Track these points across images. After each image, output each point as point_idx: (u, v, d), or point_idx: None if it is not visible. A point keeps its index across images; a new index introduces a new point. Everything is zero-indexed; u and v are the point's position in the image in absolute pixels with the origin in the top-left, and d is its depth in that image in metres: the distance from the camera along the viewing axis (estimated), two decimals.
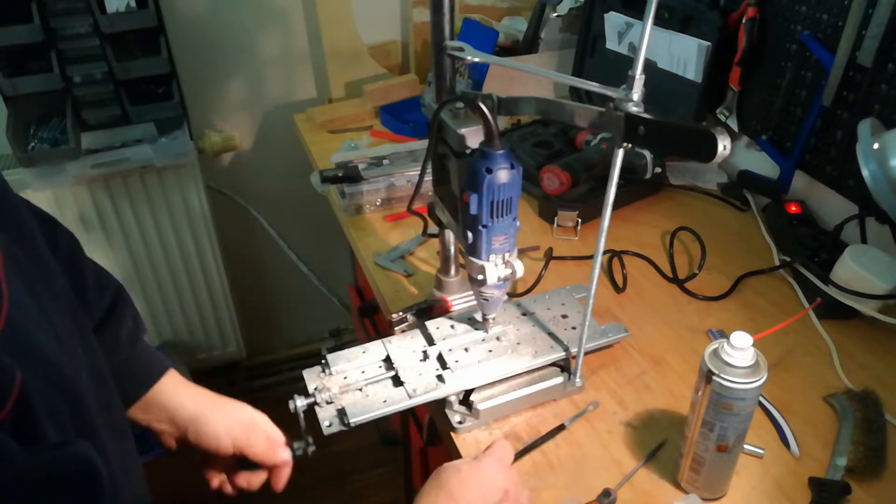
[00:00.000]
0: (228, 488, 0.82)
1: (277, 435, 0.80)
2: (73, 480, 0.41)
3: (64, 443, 0.44)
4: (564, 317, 0.94)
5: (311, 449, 0.81)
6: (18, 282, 0.49)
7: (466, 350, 0.89)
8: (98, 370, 0.60)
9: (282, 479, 0.81)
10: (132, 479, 0.62)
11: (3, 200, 0.56)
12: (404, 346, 0.90)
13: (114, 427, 0.58)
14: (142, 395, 0.76)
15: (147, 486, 0.63)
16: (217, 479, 0.82)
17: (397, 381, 0.85)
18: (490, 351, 0.89)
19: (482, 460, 0.71)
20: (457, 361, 0.87)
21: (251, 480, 0.81)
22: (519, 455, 0.83)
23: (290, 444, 0.80)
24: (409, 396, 0.82)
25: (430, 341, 0.90)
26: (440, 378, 0.84)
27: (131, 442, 0.63)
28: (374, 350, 0.89)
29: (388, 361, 0.88)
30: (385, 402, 0.82)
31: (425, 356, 0.88)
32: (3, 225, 0.53)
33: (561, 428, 0.86)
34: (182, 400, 0.77)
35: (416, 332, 0.92)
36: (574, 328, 0.92)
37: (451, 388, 0.84)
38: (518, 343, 0.90)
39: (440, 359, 0.88)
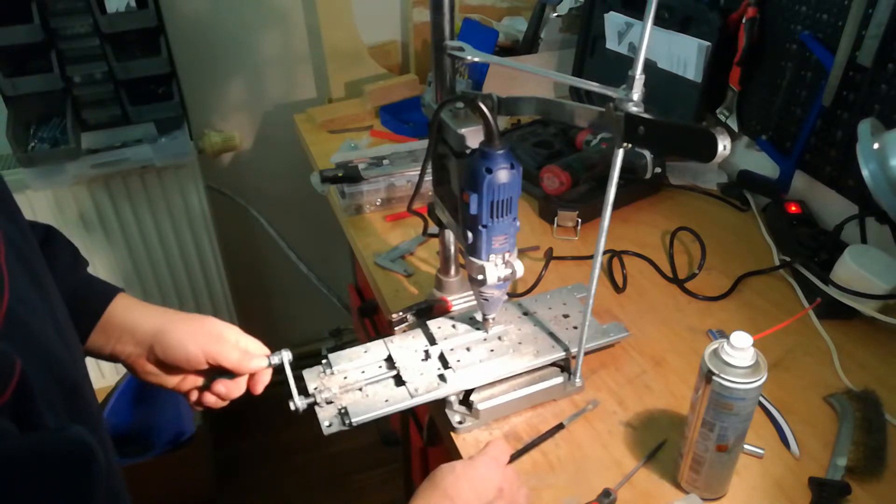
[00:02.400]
0: (209, 398, 0.80)
1: (251, 344, 0.79)
2: (69, 461, 0.41)
3: (61, 427, 0.44)
4: (566, 316, 0.94)
5: (289, 358, 0.80)
6: (20, 272, 0.49)
7: (468, 349, 0.89)
8: (86, 368, 0.60)
9: (261, 384, 0.80)
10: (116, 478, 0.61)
11: (6, 196, 0.57)
12: (406, 345, 0.90)
13: (101, 423, 0.58)
14: (98, 318, 0.74)
15: (125, 484, 0.63)
16: (195, 394, 0.80)
17: (399, 381, 0.85)
18: (492, 350, 0.89)
19: (477, 459, 0.71)
20: (458, 361, 0.87)
21: (229, 387, 0.79)
22: (518, 454, 0.83)
23: (267, 356, 0.79)
24: (411, 396, 0.82)
25: (432, 341, 0.90)
26: (442, 377, 0.85)
27: (109, 439, 0.63)
28: (375, 349, 0.89)
29: (389, 361, 0.88)
30: (387, 401, 0.82)
31: (427, 356, 0.88)
32: (6, 218, 0.53)
33: (560, 427, 0.86)
34: (141, 316, 0.75)
35: (418, 332, 0.92)
36: (576, 328, 0.92)
37: (452, 387, 0.84)
38: (520, 343, 0.90)
39: (442, 358, 0.88)
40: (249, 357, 0.78)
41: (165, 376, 0.78)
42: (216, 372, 0.78)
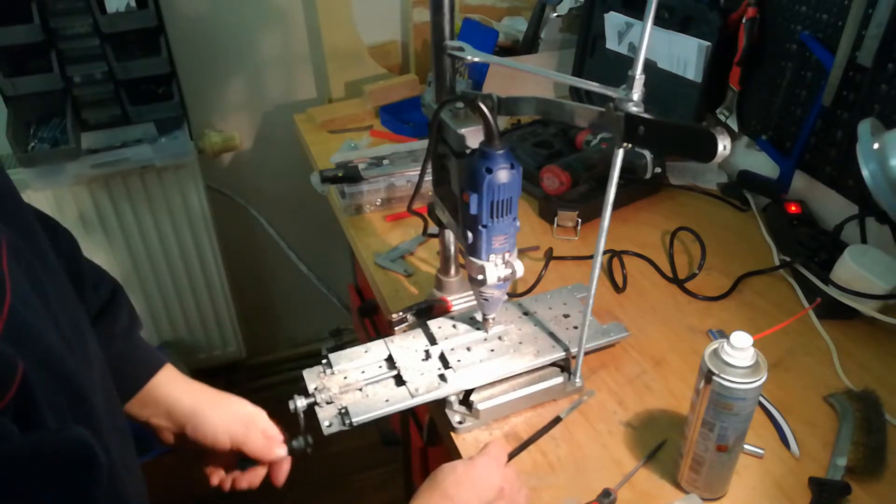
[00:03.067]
0: (227, 485, 0.82)
1: (274, 431, 0.80)
2: (69, 461, 0.41)
3: (61, 427, 0.44)
4: (566, 316, 0.94)
5: (310, 446, 0.81)
6: (22, 276, 0.49)
7: (468, 349, 0.89)
8: (100, 368, 0.60)
9: (281, 475, 0.81)
10: (134, 478, 0.62)
11: (8, 197, 0.57)
12: (406, 345, 0.90)
13: (115, 426, 0.59)
14: (139, 389, 0.76)
15: (146, 488, 0.63)
16: (216, 476, 0.82)
17: (399, 381, 0.85)
18: (492, 350, 0.89)
19: (477, 459, 0.71)
20: (459, 361, 0.87)
21: (251, 479, 0.81)
22: (515, 452, 0.83)
23: (287, 441, 0.81)
24: (412, 396, 0.82)
25: (432, 341, 0.90)
26: (442, 377, 0.85)
27: (131, 442, 0.63)
28: (376, 349, 0.89)
29: (389, 361, 0.88)
30: (387, 401, 0.82)
31: (427, 355, 0.88)
32: (8, 220, 0.53)
33: (557, 420, 0.86)
34: (179, 395, 0.78)
35: (418, 332, 0.92)
36: (576, 328, 0.92)
37: (453, 387, 0.84)
38: (520, 342, 0.90)
39: (442, 358, 0.88)
40: (272, 447, 0.79)
41: (190, 452, 0.80)
42: (239, 457, 0.80)
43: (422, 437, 1.21)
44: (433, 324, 0.92)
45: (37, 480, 0.39)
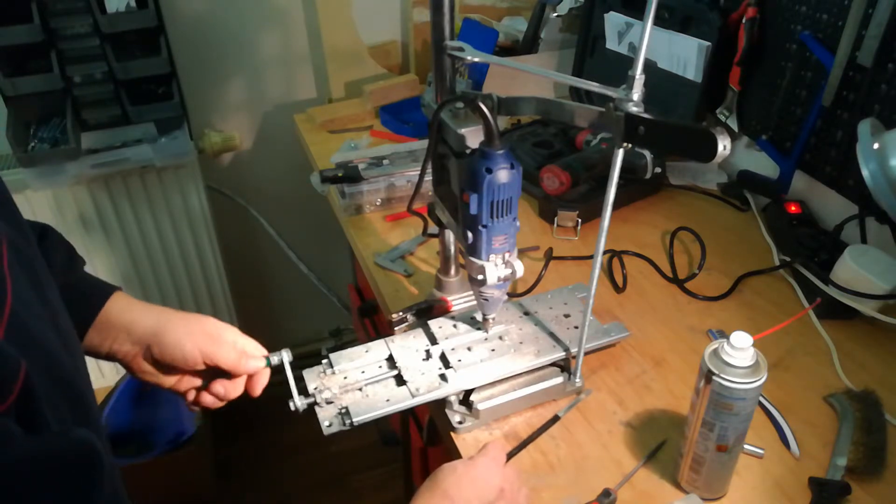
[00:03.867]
0: (207, 399, 0.80)
1: (249, 345, 0.78)
2: (74, 463, 0.41)
3: (66, 429, 0.44)
4: (567, 316, 0.94)
5: (289, 358, 0.79)
6: (22, 276, 0.49)
7: (469, 349, 0.89)
8: (87, 371, 0.60)
9: (259, 385, 0.79)
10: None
11: (6, 198, 0.57)
12: (407, 345, 0.90)
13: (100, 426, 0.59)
14: (94, 317, 0.73)
15: (132, 489, 0.63)
16: (192, 394, 0.80)
17: (400, 381, 0.85)
18: (493, 350, 0.89)
19: (477, 459, 0.71)
20: (460, 360, 0.87)
21: (227, 388, 0.78)
22: (513, 453, 0.83)
23: (265, 357, 0.79)
24: (412, 395, 0.82)
25: (433, 340, 0.90)
26: (443, 377, 0.85)
27: (108, 442, 0.63)
28: (376, 349, 0.89)
29: (390, 361, 0.88)
30: (388, 401, 0.82)
31: (428, 355, 0.88)
32: (8, 221, 0.53)
33: (555, 419, 0.86)
34: (138, 315, 0.75)
35: (419, 332, 0.92)
36: (576, 327, 0.92)
37: (453, 387, 0.84)
38: (521, 342, 0.90)
39: (443, 358, 0.88)
40: (247, 357, 0.77)
41: (162, 376, 0.77)
42: (214, 373, 0.78)
43: (422, 437, 1.21)
44: (434, 323, 0.92)
45: (42, 482, 0.39)
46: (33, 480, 0.39)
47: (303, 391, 0.82)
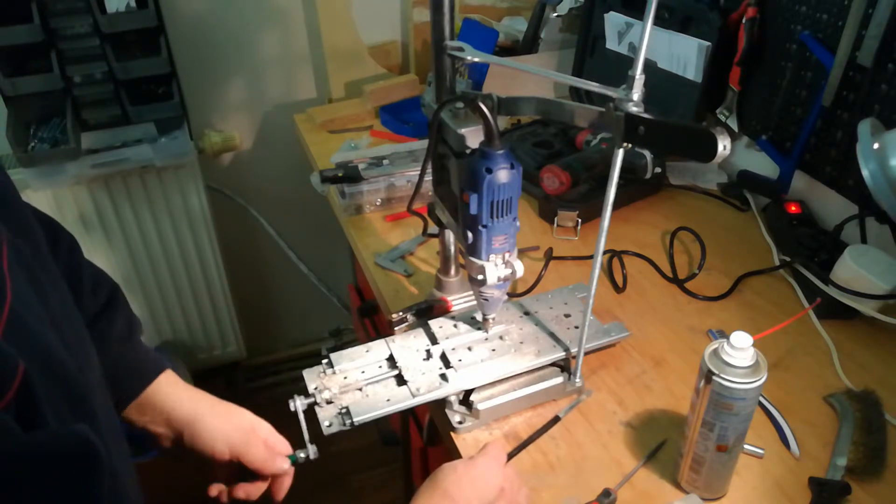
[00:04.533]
0: (225, 499, 0.80)
1: (279, 443, 0.79)
2: (73, 459, 0.41)
3: (63, 426, 0.44)
4: (567, 316, 0.94)
5: (314, 455, 0.80)
6: (22, 277, 0.49)
7: (469, 349, 0.89)
8: (99, 371, 0.60)
9: (282, 489, 0.79)
10: (131, 482, 0.62)
11: (9, 198, 0.57)
12: (407, 345, 0.90)
13: (112, 428, 0.58)
14: (137, 395, 0.74)
15: (141, 490, 0.63)
16: (216, 488, 0.80)
17: (400, 380, 0.85)
18: (493, 350, 0.89)
19: (477, 459, 0.71)
20: (460, 360, 0.87)
21: (249, 491, 0.79)
22: (514, 453, 0.83)
23: (291, 453, 0.79)
24: (413, 395, 0.82)
25: (434, 340, 0.90)
26: (444, 377, 0.85)
27: (126, 445, 0.63)
28: (377, 349, 0.89)
29: (390, 360, 0.88)
30: (388, 400, 0.82)
31: (428, 355, 0.88)
32: (8, 220, 0.53)
33: (556, 420, 0.86)
34: (179, 401, 0.76)
35: (419, 332, 0.92)
36: (577, 327, 0.92)
37: (454, 386, 0.84)
38: (521, 342, 0.90)
39: (443, 358, 0.88)
40: (274, 459, 0.77)
41: (189, 461, 0.78)
42: (239, 468, 0.78)
43: (422, 437, 1.21)
44: (434, 323, 0.92)
45: (40, 479, 0.39)
46: (32, 477, 0.39)
47: (303, 391, 0.82)
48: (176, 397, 0.76)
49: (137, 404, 0.75)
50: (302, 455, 0.79)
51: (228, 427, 0.76)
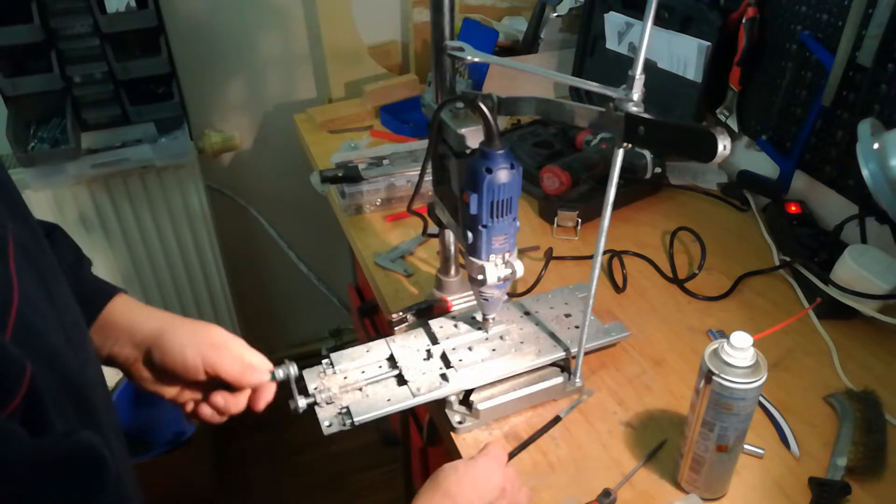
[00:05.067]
0: (206, 411, 0.76)
1: (256, 359, 0.75)
2: (80, 465, 0.41)
3: (71, 431, 0.44)
4: (568, 316, 0.94)
5: (294, 373, 0.77)
6: (29, 276, 0.49)
7: (470, 349, 0.89)
8: (97, 366, 0.60)
9: (262, 400, 0.76)
10: (130, 480, 0.62)
11: (13, 196, 0.57)
12: (408, 344, 0.90)
13: (112, 426, 0.58)
14: (95, 318, 0.71)
15: (140, 489, 0.63)
16: (191, 405, 0.76)
17: (401, 380, 0.85)
18: (494, 350, 0.89)
19: (478, 459, 0.71)
20: (461, 360, 0.87)
21: (228, 401, 0.75)
22: (515, 452, 0.83)
23: (271, 371, 0.76)
24: (413, 395, 0.82)
25: (434, 340, 0.90)
26: (444, 377, 0.85)
27: (125, 442, 0.63)
28: (377, 349, 0.89)
29: (391, 360, 0.88)
30: (389, 400, 0.82)
31: (429, 355, 0.88)
32: (14, 218, 0.53)
33: (556, 420, 0.86)
34: (140, 319, 0.72)
35: (420, 331, 0.92)
36: (577, 327, 0.92)
37: (455, 386, 0.84)
38: (521, 342, 0.90)
39: (444, 357, 0.88)
40: (251, 370, 0.74)
41: (162, 385, 0.75)
42: (216, 385, 0.75)
43: (422, 437, 1.21)
44: (435, 323, 0.92)
45: (49, 484, 0.39)
46: (39, 484, 0.38)
47: (303, 391, 0.82)
48: (138, 316, 0.73)
49: (98, 329, 0.71)
50: (281, 373, 0.76)
51: (199, 339, 0.72)
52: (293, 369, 0.77)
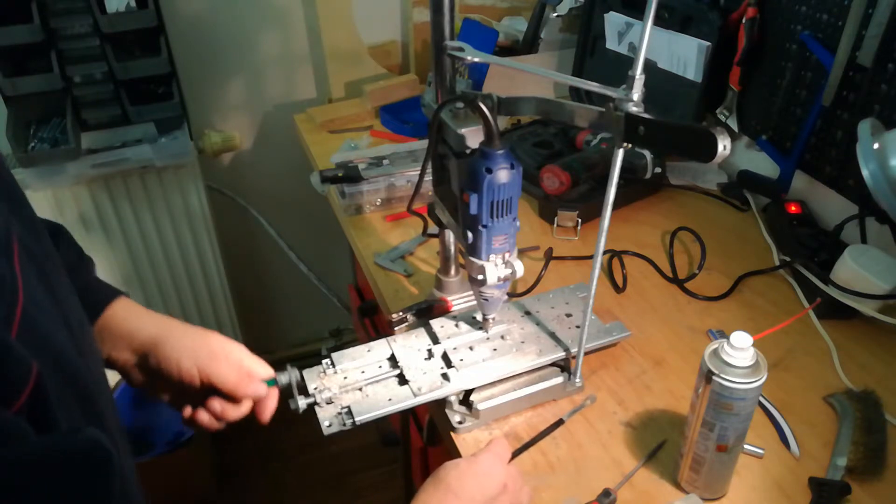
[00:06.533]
0: (203, 417, 0.75)
1: (255, 365, 0.74)
2: (86, 463, 0.41)
3: (77, 429, 0.44)
4: (568, 316, 0.94)
5: (296, 378, 0.76)
6: (33, 276, 0.49)
7: (471, 349, 0.89)
8: (101, 363, 0.60)
9: (266, 411, 0.75)
10: (133, 478, 0.61)
11: (17, 195, 0.57)
12: (409, 344, 0.90)
13: (116, 426, 0.58)
14: (94, 321, 0.70)
15: (141, 488, 0.63)
16: (188, 410, 0.75)
17: (401, 380, 0.85)
18: (495, 349, 0.89)
19: (480, 456, 0.71)
20: (462, 360, 0.87)
21: (225, 407, 0.73)
22: (517, 453, 0.83)
23: (273, 377, 0.75)
24: (414, 395, 0.82)
25: (435, 340, 0.90)
26: (445, 376, 0.85)
27: (127, 441, 0.63)
28: (378, 348, 0.89)
29: (391, 360, 0.88)
30: (390, 400, 0.82)
31: (430, 355, 0.88)
32: (18, 217, 0.53)
33: (559, 423, 0.86)
34: (139, 323, 0.72)
35: (421, 331, 0.92)
36: (578, 327, 0.92)
37: (456, 386, 0.84)
38: (522, 342, 0.90)
39: (445, 357, 0.88)
40: (249, 380, 0.73)
41: (159, 390, 0.74)
42: (213, 393, 0.74)
43: (422, 437, 1.21)
44: (436, 323, 0.92)
45: (53, 483, 0.39)
46: (45, 482, 0.39)
47: (303, 391, 0.82)
48: (137, 320, 0.72)
49: (98, 331, 0.71)
50: (284, 378, 0.75)
51: (197, 346, 0.71)
52: (295, 374, 0.77)
